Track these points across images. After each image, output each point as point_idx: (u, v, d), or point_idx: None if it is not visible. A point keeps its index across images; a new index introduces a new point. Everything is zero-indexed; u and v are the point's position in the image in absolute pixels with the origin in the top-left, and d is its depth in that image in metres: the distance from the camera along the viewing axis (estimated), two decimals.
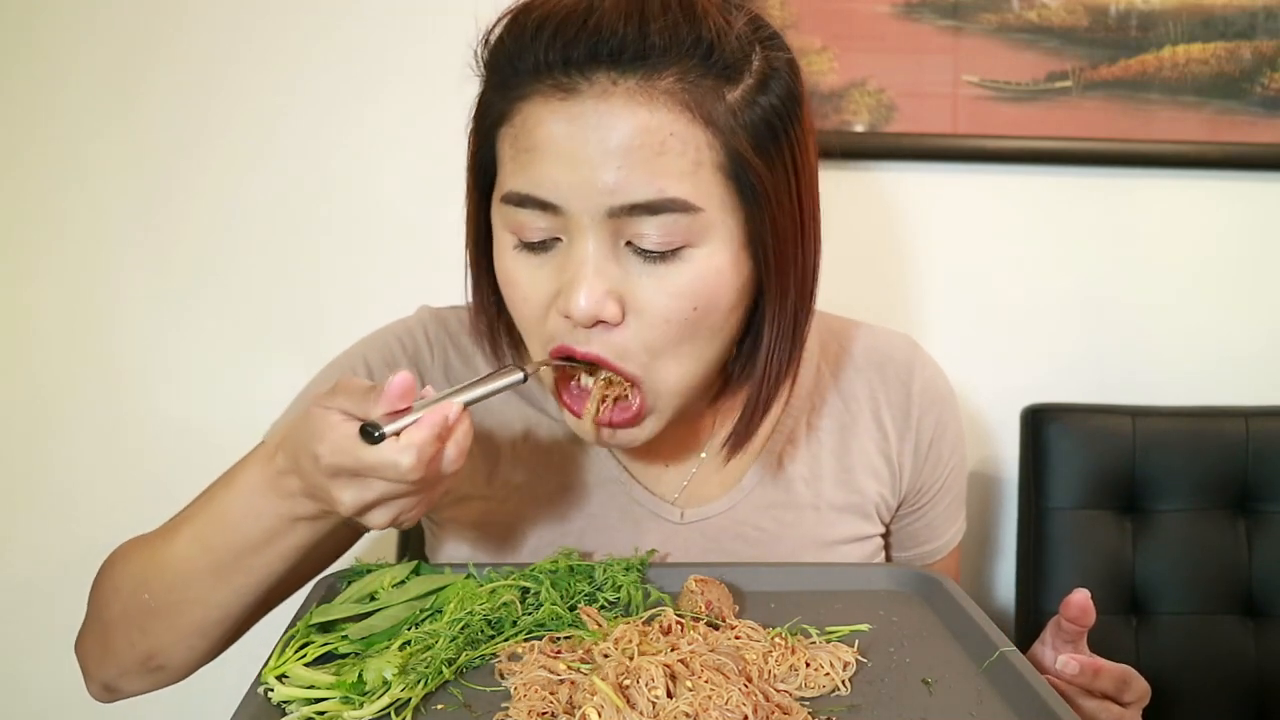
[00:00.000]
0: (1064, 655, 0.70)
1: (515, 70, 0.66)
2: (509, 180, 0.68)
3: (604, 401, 0.72)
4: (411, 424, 0.60)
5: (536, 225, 0.68)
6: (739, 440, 0.79)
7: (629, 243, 0.67)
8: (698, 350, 0.71)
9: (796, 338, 0.75)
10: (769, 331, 0.73)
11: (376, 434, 0.59)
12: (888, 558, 0.93)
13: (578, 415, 0.73)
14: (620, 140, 0.64)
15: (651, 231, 0.66)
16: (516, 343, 0.80)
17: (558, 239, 0.68)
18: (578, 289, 0.66)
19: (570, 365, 0.71)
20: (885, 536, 0.93)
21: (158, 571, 0.74)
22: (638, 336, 0.69)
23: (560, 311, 0.68)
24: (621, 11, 0.64)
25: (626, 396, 0.72)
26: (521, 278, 0.70)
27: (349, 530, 0.82)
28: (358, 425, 0.60)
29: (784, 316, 0.73)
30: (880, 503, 0.89)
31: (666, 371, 0.71)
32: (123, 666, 0.76)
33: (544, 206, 0.66)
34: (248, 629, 0.78)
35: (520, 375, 0.67)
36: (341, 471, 0.61)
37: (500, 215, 0.70)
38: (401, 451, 0.59)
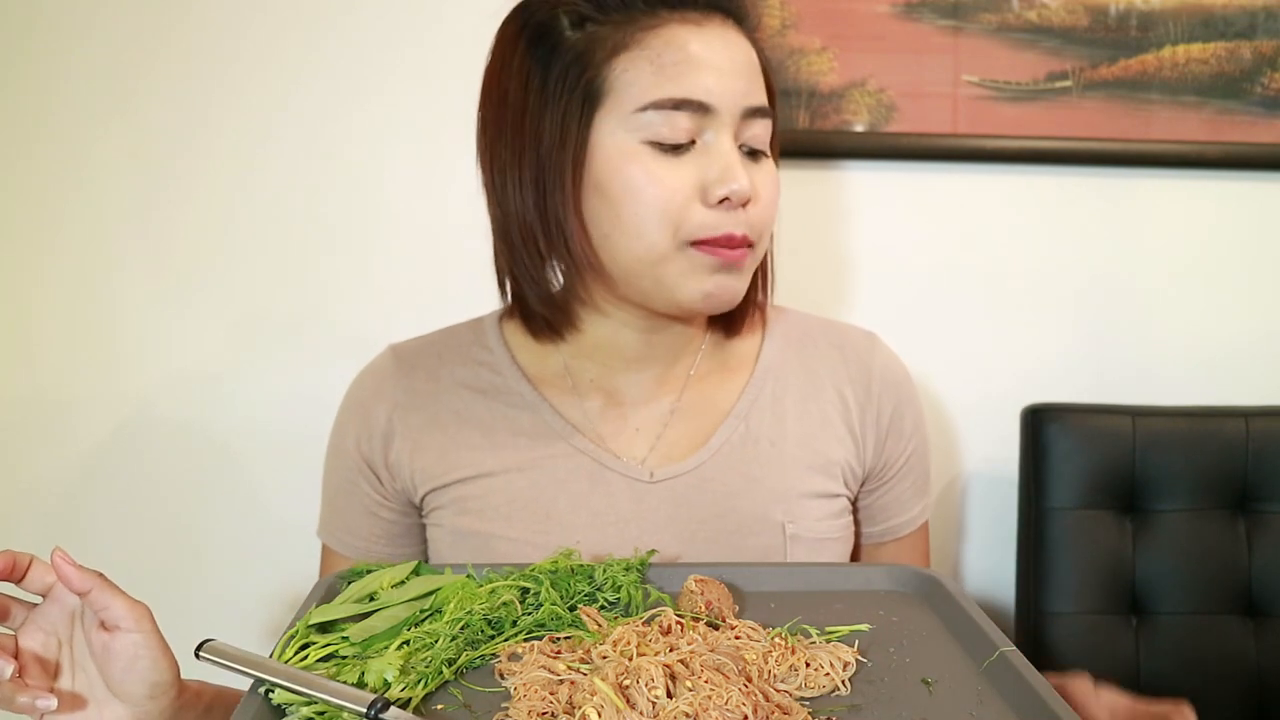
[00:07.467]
0: None
1: (643, 5, 0.79)
2: (655, 90, 0.78)
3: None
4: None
5: (683, 126, 0.78)
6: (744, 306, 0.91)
7: (741, 145, 0.82)
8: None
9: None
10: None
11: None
12: (857, 531, 0.97)
13: (731, 258, 0.81)
14: (743, 60, 0.81)
15: (763, 132, 0.83)
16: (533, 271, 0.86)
17: (693, 142, 0.80)
18: (737, 173, 0.79)
19: None
20: (854, 508, 0.97)
21: None
22: (760, 215, 0.82)
23: (719, 194, 0.78)
24: None
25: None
26: (664, 174, 0.79)
27: None
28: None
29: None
30: (845, 468, 0.93)
31: (763, 243, 0.86)
32: None
33: (699, 108, 0.78)
34: None
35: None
36: None
37: (634, 124, 0.79)
38: None
